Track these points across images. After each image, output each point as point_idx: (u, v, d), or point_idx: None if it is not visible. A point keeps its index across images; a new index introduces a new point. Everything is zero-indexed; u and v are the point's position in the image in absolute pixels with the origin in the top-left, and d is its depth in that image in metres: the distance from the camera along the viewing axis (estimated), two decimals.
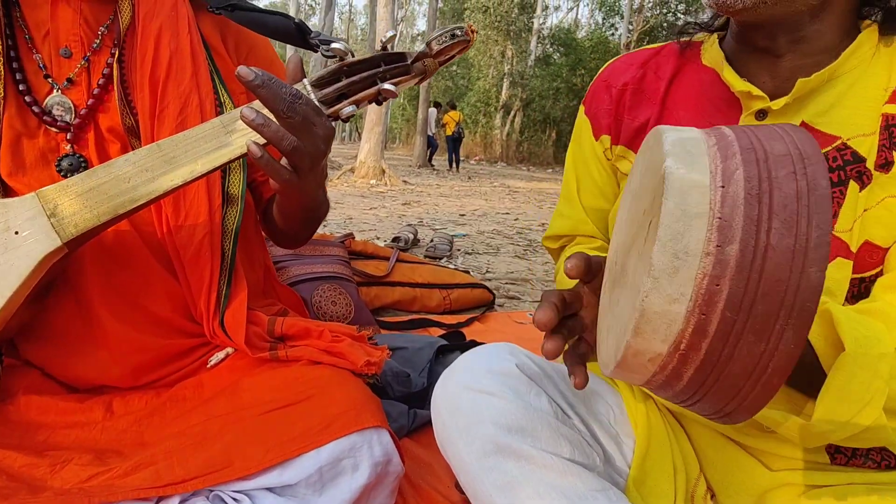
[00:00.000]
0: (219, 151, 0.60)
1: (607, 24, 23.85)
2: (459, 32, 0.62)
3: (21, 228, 0.59)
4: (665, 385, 0.35)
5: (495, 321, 1.86)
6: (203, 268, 0.74)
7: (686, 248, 0.30)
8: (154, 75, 0.71)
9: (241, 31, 0.82)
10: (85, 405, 0.75)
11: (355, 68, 0.62)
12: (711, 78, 0.65)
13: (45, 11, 0.69)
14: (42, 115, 0.68)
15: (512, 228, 4.24)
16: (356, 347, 0.80)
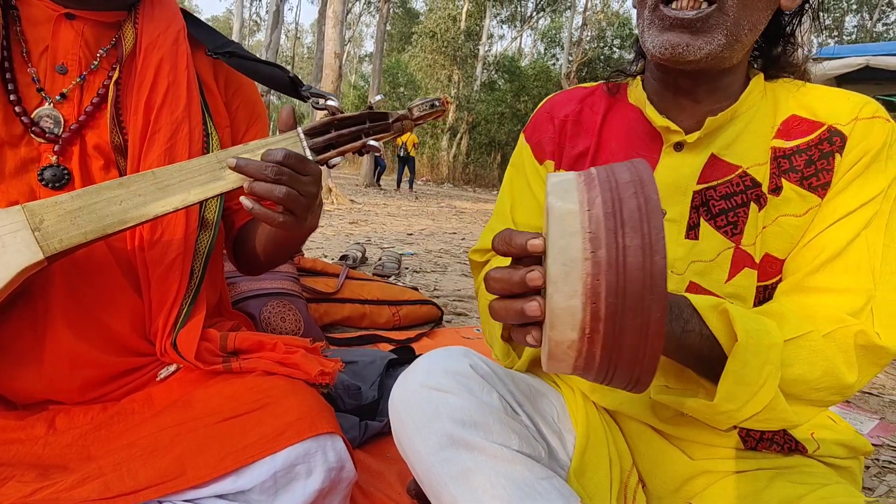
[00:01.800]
0: (212, 184, 0.64)
1: (549, 54, 24.98)
2: (437, 104, 0.70)
3: (3, 240, 0.59)
4: (586, 367, 0.44)
5: (443, 336, 1.90)
6: (170, 286, 0.76)
7: (571, 257, 0.41)
8: (150, 100, 0.73)
9: (231, 72, 0.86)
10: (25, 422, 0.72)
11: (344, 123, 0.69)
12: (637, 115, 0.75)
13: (46, 30, 0.71)
14: (31, 125, 0.69)
15: (459, 248, 4.32)
16: (310, 358, 0.82)
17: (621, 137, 0.75)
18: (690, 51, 0.62)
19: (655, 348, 0.41)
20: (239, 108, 0.87)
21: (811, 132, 0.64)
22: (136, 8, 0.76)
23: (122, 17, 0.76)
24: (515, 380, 0.76)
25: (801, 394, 0.55)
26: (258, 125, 0.89)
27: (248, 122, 0.88)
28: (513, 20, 25.23)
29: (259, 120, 0.90)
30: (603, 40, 20.66)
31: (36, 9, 0.71)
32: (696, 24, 0.62)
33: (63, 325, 0.72)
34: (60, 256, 0.63)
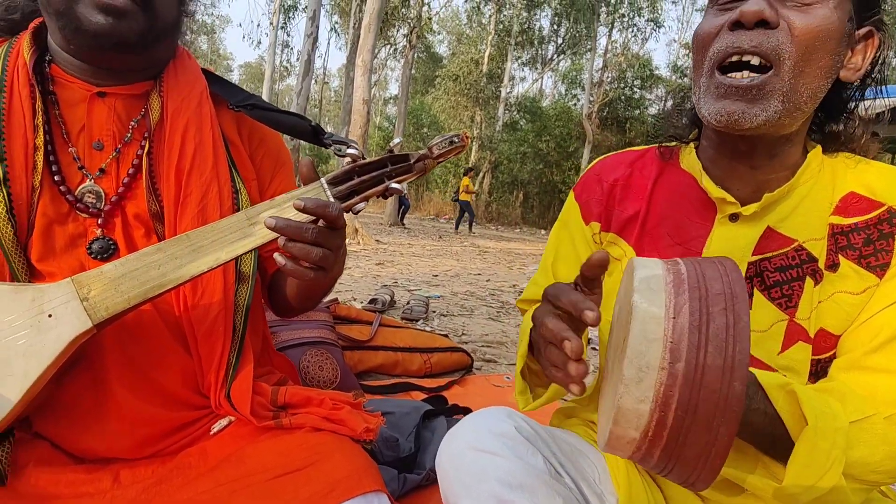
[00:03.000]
0: (242, 241, 0.66)
1: (570, 94, 25.39)
2: (457, 140, 0.71)
3: (55, 312, 0.63)
4: (643, 460, 0.45)
5: (473, 385, 1.92)
6: (215, 342, 0.79)
7: (647, 364, 0.42)
8: (179, 166, 0.76)
9: (254, 124, 0.89)
10: (93, 476, 0.75)
11: (366, 168, 0.70)
12: (689, 181, 0.76)
13: (81, 109, 0.76)
14: (75, 202, 0.73)
15: (484, 290, 4.34)
16: (354, 415, 0.84)
17: (672, 203, 0.76)
18: (746, 118, 0.62)
19: (716, 465, 0.42)
20: (264, 159, 0.89)
21: (870, 211, 0.65)
22: (160, 76, 0.80)
23: (148, 87, 0.79)
24: (557, 439, 0.78)
25: (859, 475, 0.56)
26: (283, 172, 0.92)
27: (272, 171, 0.90)
28: (534, 63, 25.85)
29: (284, 167, 0.92)
30: (623, 81, 20.96)
31: (71, 91, 0.76)
32: (752, 91, 0.62)
33: (120, 385, 0.75)
34: (108, 323, 0.66)
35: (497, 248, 9.30)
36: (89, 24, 0.68)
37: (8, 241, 0.69)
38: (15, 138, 0.70)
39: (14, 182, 0.70)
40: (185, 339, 0.79)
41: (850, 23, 0.63)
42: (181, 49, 0.85)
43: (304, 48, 8.34)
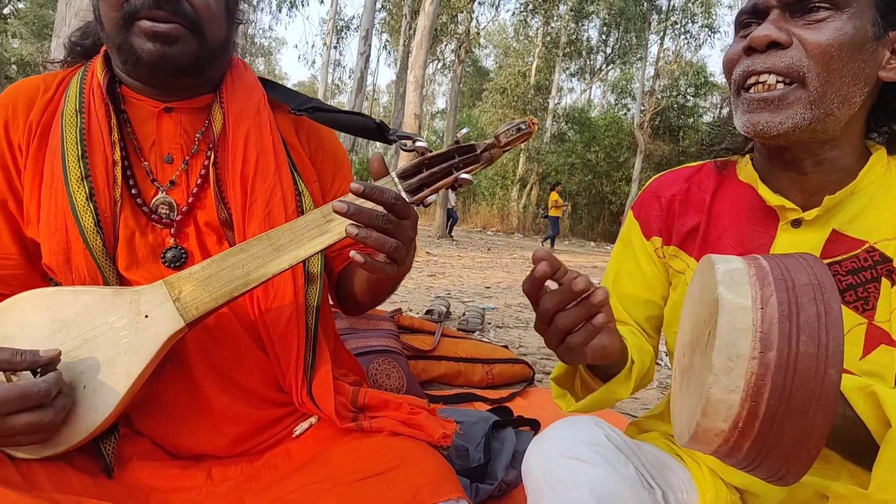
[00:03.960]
0: (319, 238, 0.67)
1: (620, 104, 24.94)
2: (524, 126, 0.69)
3: (151, 312, 0.67)
4: (729, 454, 0.44)
5: (536, 397, 1.90)
6: (290, 343, 0.81)
7: (737, 354, 0.41)
8: (244, 173, 0.78)
9: (312, 127, 0.90)
10: (188, 472, 0.79)
11: (434, 161, 0.70)
12: (748, 191, 0.77)
13: (151, 125, 0.79)
14: (150, 214, 0.77)
15: None
16: (432, 420, 0.85)
17: (733, 214, 0.77)
18: (771, 127, 0.65)
19: (812, 454, 0.41)
20: (323, 161, 0.90)
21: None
22: (220, 88, 0.82)
23: (210, 99, 0.81)
24: (643, 450, 0.77)
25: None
26: (342, 173, 0.93)
27: (333, 173, 0.91)
28: (582, 73, 25.61)
29: (343, 168, 0.93)
30: (676, 89, 20.42)
31: (140, 108, 0.79)
32: (774, 103, 0.65)
33: (209, 384, 0.78)
34: (198, 322, 0.69)
35: None
36: (144, 53, 0.71)
37: (98, 251, 0.72)
38: (96, 154, 0.74)
39: (99, 196, 0.73)
40: (262, 341, 0.82)
41: (877, 27, 0.64)
42: (236, 60, 0.87)
43: (358, 66, 8.62)
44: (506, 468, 1.20)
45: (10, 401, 0.56)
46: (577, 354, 0.62)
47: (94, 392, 0.65)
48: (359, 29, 9.33)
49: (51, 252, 0.73)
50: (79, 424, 0.65)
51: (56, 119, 0.76)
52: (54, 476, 0.67)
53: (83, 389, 0.65)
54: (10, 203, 0.76)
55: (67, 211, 0.72)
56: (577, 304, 0.59)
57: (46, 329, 0.65)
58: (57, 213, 0.72)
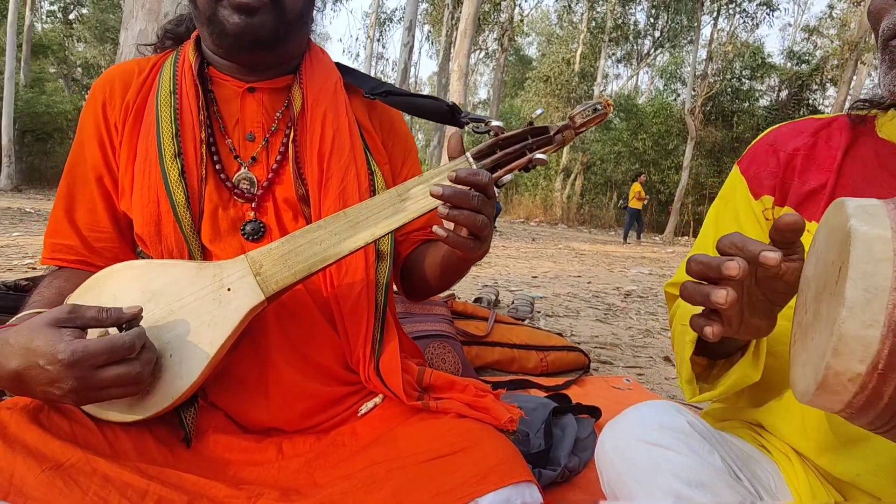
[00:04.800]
0: (395, 216, 0.68)
1: (669, 89, 24.04)
2: (600, 107, 0.69)
3: (233, 286, 0.68)
4: (866, 406, 0.39)
5: (592, 385, 1.85)
6: (360, 318, 0.81)
7: (875, 285, 0.37)
8: (321, 151, 0.80)
9: (384, 111, 0.92)
10: (261, 445, 0.81)
11: (508, 141, 0.70)
12: (890, 151, 0.69)
13: (235, 105, 0.82)
14: (233, 189, 0.79)
15: (587, 291, 4.21)
16: (498, 403, 0.83)
17: (869, 175, 0.69)
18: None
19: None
20: (394, 145, 0.92)
21: None
22: (299, 70, 0.85)
23: (289, 80, 0.84)
24: (725, 441, 0.72)
25: None
26: (411, 158, 0.95)
27: (403, 157, 0.93)
28: (629, 59, 24.81)
29: (412, 153, 0.95)
30: (730, 72, 19.46)
31: (226, 88, 0.82)
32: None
33: (280, 358, 0.79)
34: (276, 297, 0.70)
35: (593, 250, 9.00)
36: (229, 25, 0.74)
37: (188, 225, 0.76)
38: (186, 133, 0.77)
39: (188, 173, 0.76)
40: (332, 316, 0.82)
41: None
42: (313, 43, 0.89)
43: (401, 57, 8.64)
44: (568, 455, 1.17)
45: (99, 353, 0.58)
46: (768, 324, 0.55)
47: (179, 361, 0.67)
48: (402, 21, 9.35)
49: (143, 223, 0.76)
50: (165, 391, 0.67)
51: (150, 99, 0.79)
52: (138, 445, 0.70)
53: (169, 358, 0.67)
54: (105, 179, 0.81)
55: (161, 186, 0.75)
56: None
57: (137, 298, 0.68)
58: (150, 186, 0.76)
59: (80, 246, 0.81)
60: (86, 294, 0.70)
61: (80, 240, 0.81)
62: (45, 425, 0.63)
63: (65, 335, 0.58)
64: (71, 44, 20.85)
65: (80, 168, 0.81)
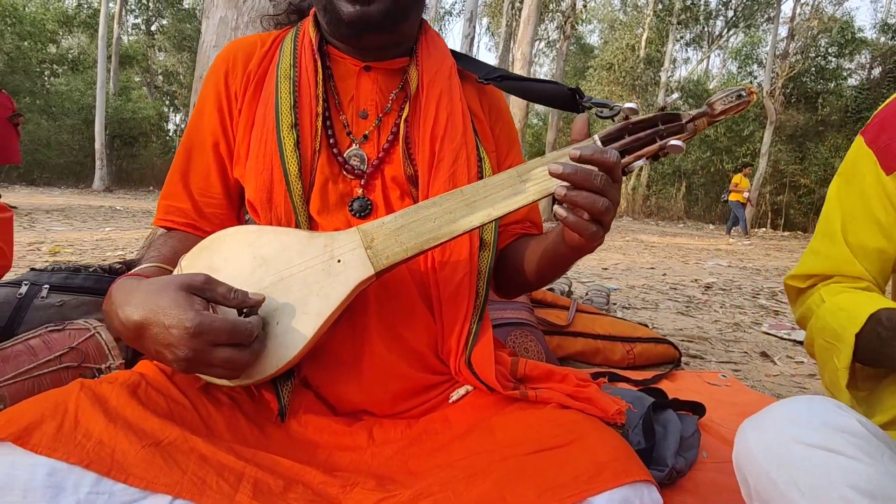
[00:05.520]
0: (514, 198, 0.65)
1: (743, 71, 22.55)
2: (744, 94, 0.64)
3: (343, 258, 0.67)
4: None
5: (684, 380, 1.71)
6: (460, 305, 0.78)
7: None
8: (434, 132, 0.79)
9: (494, 98, 0.91)
10: (352, 429, 0.78)
11: (638, 126, 0.66)
12: None
13: (351, 82, 0.83)
14: (344, 164, 0.79)
15: (663, 283, 3.99)
16: (602, 394, 0.77)
17: None
18: None
19: None
20: (501, 133, 0.91)
21: None
22: (415, 52, 0.85)
23: (405, 62, 0.84)
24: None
25: None
26: (515, 148, 0.93)
27: (508, 146, 0.92)
28: (699, 41, 23.50)
29: (515, 144, 0.94)
30: (815, 49, 17.97)
31: (343, 66, 0.83)
32: None
33: (376, 338, 0.77)
34: (384, 273, 0.68)
35: (663, 242, 8.59)
36: (344, 14, 0.74)
37: (298, 196, 0.76)
38: (304, 106, 0.78)
39: (303, 145, 0.77)
40: (430, 300, 0.80)
41: None
42: (428, 26, 0.89)
43: (462, 49, 8.57)
44: (674, 454, 1.06)
45: (222, 332, 0.58)
46: None
47: (285, 329, 0.66)
48: (461, 14, 9.28)
49: (256, 190, 0.77)
50: (269, 359, 0.66)
51: (271, 71, 0.81)
52: (231, 424, 0.68)
53: (276, 325, 0.66)
54: (221, 146, 0.83)
55: (275, 155, 0.76)
56: None
57: (248, 264, 0.67)
58: (265, 154, 0.77)
59: (191, 210, 0.83)
60: (199, 254, 0.70)
61: (191, 204, 0.83)
62: (143, 401, 0.62)
63: (195, 303, 0.59)
64: (153, 53, 22.36)
65: (198, 134, 0.83)
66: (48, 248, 3.83)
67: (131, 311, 0.59)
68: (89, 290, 1.29)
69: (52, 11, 18.55)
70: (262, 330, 0.64)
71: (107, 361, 1.06)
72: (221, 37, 1.55)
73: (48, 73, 17.90)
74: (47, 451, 0.52)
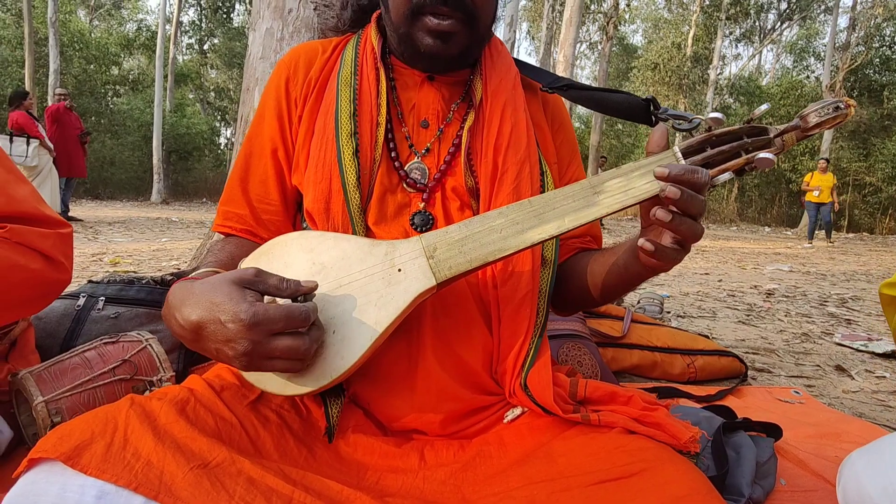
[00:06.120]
0: (586, 210, 0.62)
1: (800, 66, 21.46)
2: (842, 105, 0.61)
3: (404, 267, 0.65)
4: None
5: (752, 396, 1.59)
6: (520, 323, 0.74)
7: None
8: (497, 143, 0.77)
9: (556, 107, 0.88)
10: (402, 450, 0.74)
11: (721, 139, 0.63)
12: None
13: (413, 92, 0.81)
14: (405, 177, 0.78)
15: (719, 290, 3.78)
16: (673, 419, 0.70)
17: None
18: None
19: None
20: (563, 144, 0.88)
21: None
22: (479, 63, 0.83)
23: (468, 74, 0.83)
24: None
25: None
26: (576, 160, 0.90)
27: (569, 157, 0.88)
28: (749, 36, 22.54)
29: (576, 156, 0.91)
30: (879, 39, 16.88)
31: (406, 76, 0.82)
32: None
33: (430, 355, 0.74)
34: (445, 284, 0.65)
35: (716, 246, 8.22)
36: (423, 47, 0.74)
37: (355, 205, 0.74)
38: (364, 114, 0.77)
39: (362, 154, 0.76)
40: (489, 317, 0.76)
41: None
42: (493, 36, 0.87)
43: None
44: (750, 483, 0.97)
45: (277, 320, 0.57)
46: None
47: (342, 338, 0.64)
48: (500, 19, 9.26)
49: (314, 199, 0.76)
50: (324, 369, 0.64)
51: (332, 78, 0.81)
52: (279, 444, 0.66)
53: (332, 334, 0.64)
54: (280, 152, 0.82)
55: (334, 163, 0.75)
56: None
57: (307, 269, 0.67)
58: (325, 163, 0.76)
59: (249, 216, 0.83)
60: (259, 259, 0.70)
61: (249, 210, 0.83)
62: (191, 419, 0.61)
63: (248, 296, 0.58)
64: (205, 71, 23.42)
65: (258, 140, 0.83)
66: (109, 258, 4.02)
67: (189, 312, 0.58)
68: (142, 302, 1.31)
69: (115, 36, 19.80)
70: (320, 321, 0.63)
71: (158, 374, 1.07)
72: (267, 48, 1.56)
73: (111, 93, 19.02)
74: (97, 473, 0.51)
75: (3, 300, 0.82)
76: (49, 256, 0.85)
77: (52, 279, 0.86)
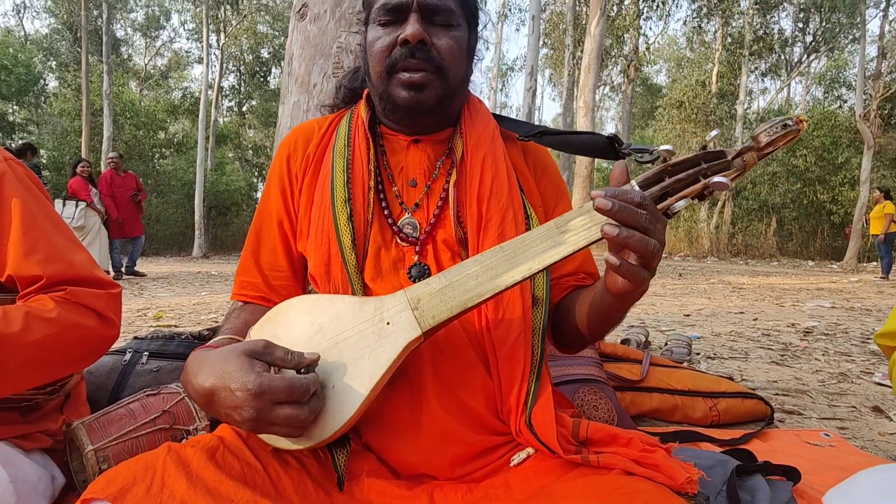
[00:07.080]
0: (553, 250, 0.66)
1: (831, 96, 21.15)
2: (790, 122, 0.61)
3: (392, 319, 0.70)
4: None
5: (779, 440, 1.55)
6: (517, 363, 0.78)
7: None
8: (480, 193, 0.82)
9: (538, 155, 0.94)
10: (413, 493, 0.77)
11: (678, 167, 0.65)
12: None
13: (402, 155, 0.89)
14: (398, 233, 0.84)
15: (754, 329, 3.68)
16: (671, 461, 0.73)
17: None
18: None
19: None
20: (547, 187, 0.93)
21: None
22: (459, 121, 0.89)
23: (450, 132, 0.89)
24: None
25: None
26: (564, 201, 0.94)
27: (556, 200, 0.93)
28: (775, 70, 22.47)
29: (564, 196, 0.95)
30: None
31: (394, 141, 0.90)
32: None
33: (433, 400, 0.77)
34: (432, 332, 0.70)
35: (753, 283, 7.97)
36: (399, 100, 0.81)
37: (352, 266, 0.80)
38: (356, 180, 0.84)
39: (356, 217, 0.82)
40: (487, 359, 0.80)
41: None
42: (471, 95, 0.94)
43: (525, 102, 8.77)
44: None
45: (280, 390, 0.62)
46: None
47: (340, 390, 0.69)
48: (523, 69, 9.54)
49: (316, 263, 0.83)
50: (327, 422, 0.68)
51: (328, 152, 0.88)
52: (299, 488, 0.71)
53: (332, 388, 0.69)
54: (284, 223, 0.90)
55: (331, 229, 0.82)
56: None
57: (307, 330, 0.72)
58: (323, 230, 0.83)
59: (261, 283, 0.90)
60: (265, 325, 0.76)
61: (262, 278, 0.90)
62: (220, 464, 0.67)
63: (256, 366, 0.64)
64: (244, 131, 24.75)
65: (266, 214, 0.91)
66: (153, 313, 4.24)
67: (203, 379, 0.65)
68: (181, 356, 1.43)
69: (162, 103, 21.28)
70: (320, 391, 0.68)
71: (194, 423, 1.16)
72: (295, 119, 1.72)
73: (158, 155, 20.26)
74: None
75: (64, 355, 0.90)
76: (102, 314, 0.94)
77: (104, 335, 0.94)
